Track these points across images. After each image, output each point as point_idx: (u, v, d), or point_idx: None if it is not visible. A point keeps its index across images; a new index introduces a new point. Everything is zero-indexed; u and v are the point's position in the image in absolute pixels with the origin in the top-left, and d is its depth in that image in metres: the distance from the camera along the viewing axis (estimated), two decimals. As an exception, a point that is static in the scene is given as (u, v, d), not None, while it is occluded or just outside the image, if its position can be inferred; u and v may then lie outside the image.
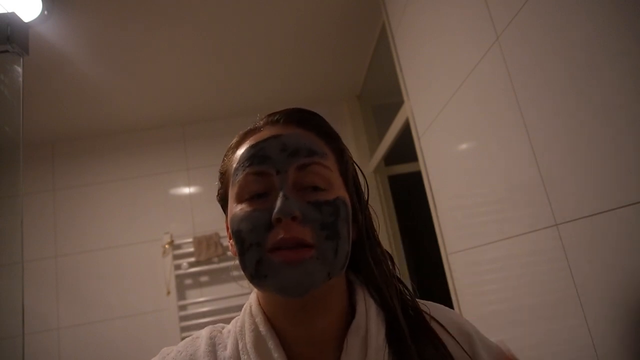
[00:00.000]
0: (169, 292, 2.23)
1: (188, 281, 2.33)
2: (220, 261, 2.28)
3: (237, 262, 0.47)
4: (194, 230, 2.37)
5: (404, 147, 1.74)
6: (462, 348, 0.50)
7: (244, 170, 0.47)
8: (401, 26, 1.45)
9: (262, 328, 0.49)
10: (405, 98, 1.49)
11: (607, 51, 0.59)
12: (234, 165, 0.50)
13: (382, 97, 2.39)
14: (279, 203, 0.44)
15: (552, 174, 0.74)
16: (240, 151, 0.50)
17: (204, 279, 2.33)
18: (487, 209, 1.03)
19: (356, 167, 0.56)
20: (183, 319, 2.22)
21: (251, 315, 0.52)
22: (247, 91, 2.33)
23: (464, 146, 1.10)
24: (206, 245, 2.27)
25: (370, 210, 0.55)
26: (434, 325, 0.52)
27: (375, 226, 0.56)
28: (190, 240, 2.32)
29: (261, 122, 0.53)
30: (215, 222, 2.35)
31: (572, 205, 0.69)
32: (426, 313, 0.53)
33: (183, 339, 0.56)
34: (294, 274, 0.43)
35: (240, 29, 1.79)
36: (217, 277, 2.32)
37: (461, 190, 1.16)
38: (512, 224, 0.90)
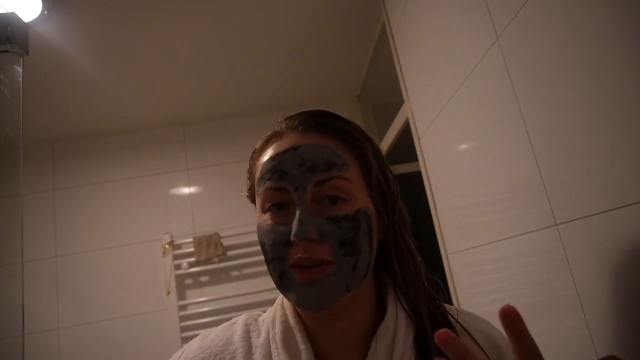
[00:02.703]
0: (169, 292, 2.23)
1: (188, 281, 2.33)
2: (220, 261, 2.28)
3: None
4: (194, 230, 2.37)
5: (404, 147, 1.74)
6: (489, 358, 0.49)
7: (264, 183, 0.48)
8: (401, 26, 1.45)
9: (292, 321, 0.51)
10: (405, 98, 1.49)
11: (608, 51, 0.59)
12: (258, 175, 0.50)
13: (382, 97, 2.39)
14: (295, 226, 0.44)
15: (552, 174, 0.74)
16: (264, 159, 0.50)
17: (204, 279, 2.33)
18: (487, 209, 1.03)
19: (387, 168, 0.54)
20: (183, 319, 2.21)
21: (282, 307, 0.53)
22: (247, 91, 2.33)
23: (464, 146, 1.10)
24: (206, 245, 2.27)
25: (403, 209, 0.54)
26: (460, 332, 0.51)
27: (407, 226, 0.54)
28: (190, 240, 2.32)
29: (282, 126, 0.52)
30: (216, 222, 2.35)
31: (572, 205, 0.69)
32: (453, 318, 0.52)
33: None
34: (312, 291, 0.44)
35: (240, 29, 1.79)
36: (217, 277, 2.32)
37: (461, 190, 1.16)
38: (512, 224, 0.90)
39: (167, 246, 2.29)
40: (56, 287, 2.25)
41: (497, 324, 1.04)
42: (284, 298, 0.54)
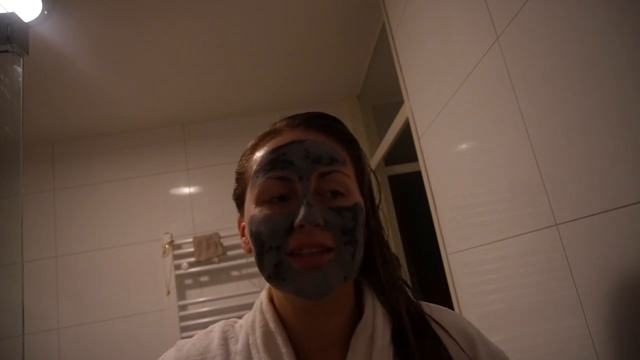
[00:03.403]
0: (169, 292, 2.23)
1: (188, 281, 2.33)
2: (220, 261, 2.28)
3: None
4: (194, 230, 2.37)
5: (404, 147, 1.74)
6: (464, 351, 0.51)
7: (265, 173, 0.48)
8: (401, 26, 1.45)
9: (272, 324, 0.51)
10: (405, 98, 1.49)
11: (608, 51, 0.59)
12: (254, 167, 0.50)
13: (382, 97, 2.39)
14: (303, 210, 0.45)
15: (552, 174, 0.74)
16: (260, 153, 0.51)
17: (204, 279, 2.33)
18: (487, 209, 1.03)
19: (371, 172, 0.57)
20: (183, 319, 2.21)
21: (261, 311, 0.54)
22: (247, 91, 2.33)
23: (464, 146, 1.10)
24: (206, 245, 2.27)
25: (381, 214, 0.57)
26: (435, 327, 0.53)
27: (385, 229, 0.57)
28: (190, 240, 2.32)
29: (281, 125, 0.53)
30: (215, 222, 2.35)
31: (572, 205, 0.69)
32: (428, 315, 0.54)
33: (183, 339, 0.57)
34: (313, 278, 0.45)
35: (240, 29, 1.79)
36: (217, 277, 2.32)
37: (461, 190, 1.16)
38: (512, 224, 0.90)
39: (167, 246, 2.29)
40: (56, 287, 2.25)
41: (498, 325, 1.05)
42: (263, 302, 0.54)
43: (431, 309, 0.56)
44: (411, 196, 2.20)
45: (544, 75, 0.72)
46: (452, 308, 1.28)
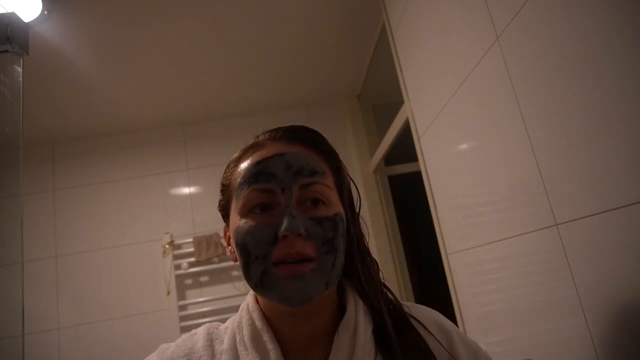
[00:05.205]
0: (169, 292, 2.23)
1: (188, 281, 2.33)
2: (220, 261, 2.29)
3: (236, 262, 0.51)
4: (194, 230, 2.37)
5: (404, 147, 1.74)
6: (440, 343, 0.55)
7: (249, 185, 0.50)
8: (401, 26, 1.45)
9: (259, 323, 0.53)
10: (405, 98, 1.49)
11: (608, 51, 0.59)
12: (239, 180, 0.52)
13: (382, 97, 2.39)
14: (286, 221, 0.47)
15: (552, 174, 0.74)
16: (244, 165, 0.53)
17: (204, 279, 2.33)
18: (487, 209, 1.03)
19: (351, 181, 0.60)
20: (183, 319, 2.22)
21: (248, 312, 0.56)
22: (247, 91, 2.33)
23: (464, 146, 1.10)
24: (206, 245, 2.27)
25: (361, 220, 0.60)
26: (414, 323, 0.56)
27: (365, 235, 0.60)
28: (190, 240, 2.32)
29: (263, 138, 0.56)
30: (216, 222, 2.34)
31: (572, 205, 0.69)
32: (407, 313, 0.58)
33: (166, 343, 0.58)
34: (296, 286, 0.47)
35: (240, 29, 1.79)
36: (217, 277, 2.32)
37: (461, 190, 1.16)
38: (512, 224, 0.90)
39: (167, 246, 2.29)
40: (56, 287, 2.25)
41: (498, 325, 1.04)
42: (249, 303, 0.56)
43: (408, 307, 0.59)
44: (411, 196, 2.20)
45: (544, 75, 0.72)
46: (452, 308, 1.28)
